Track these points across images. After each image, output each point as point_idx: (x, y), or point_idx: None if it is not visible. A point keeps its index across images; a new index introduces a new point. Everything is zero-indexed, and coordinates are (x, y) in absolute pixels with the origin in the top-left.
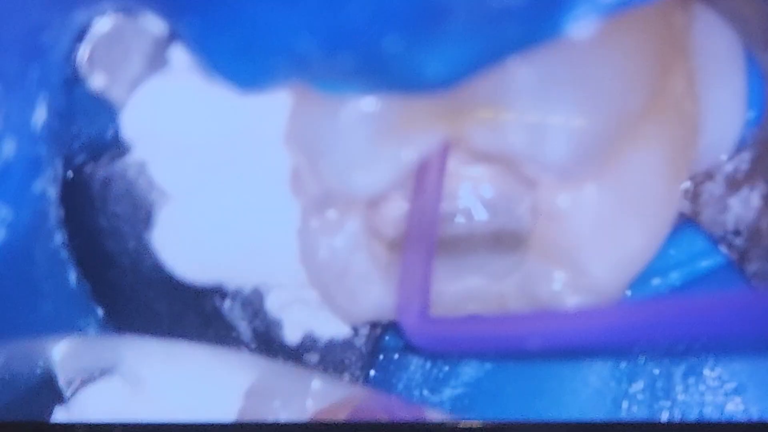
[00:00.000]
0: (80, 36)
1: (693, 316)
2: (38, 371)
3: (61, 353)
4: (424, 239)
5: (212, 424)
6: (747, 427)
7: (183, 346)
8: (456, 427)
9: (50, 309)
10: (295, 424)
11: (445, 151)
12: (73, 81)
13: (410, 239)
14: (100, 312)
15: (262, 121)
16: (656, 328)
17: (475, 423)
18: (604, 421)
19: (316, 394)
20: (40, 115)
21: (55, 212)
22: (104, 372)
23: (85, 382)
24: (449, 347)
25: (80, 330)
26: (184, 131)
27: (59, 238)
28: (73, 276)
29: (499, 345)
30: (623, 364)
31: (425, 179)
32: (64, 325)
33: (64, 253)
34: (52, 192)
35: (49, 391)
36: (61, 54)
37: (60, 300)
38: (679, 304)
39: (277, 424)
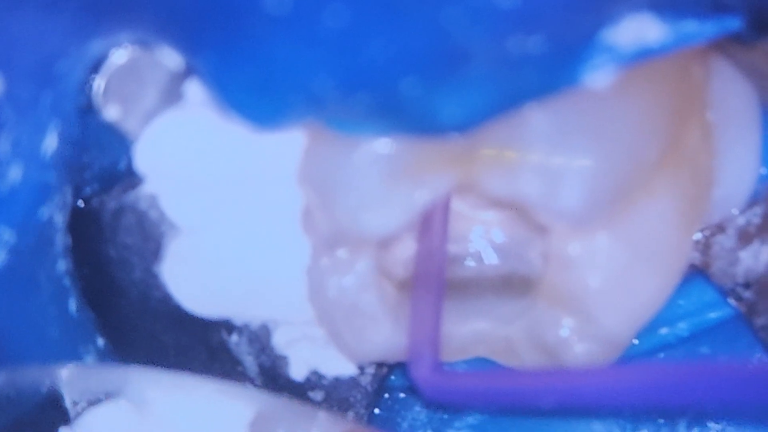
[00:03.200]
0: (96, 67)
1: (707, 382)
2: (44, 390)
3: (69, 374)
4: (433, 286)
5: None
6: None
7: (190, 377)
8: None
9: (56, 334)
10: None
11: (448, 196)
12: (86, 111)
13: (418, 286)
14: (100, 342)
15: (276, 158)
16: (670, 391)
17: None
18: None
19: (321, 425)
20: (50, 142)
21: (61, 239)
22: (110, 394)
23: (91, 403)
24: (460, 401)
25: (79, 358)
26: (197, 166)
27: (63, 265)
28: (74, 304)
29: (510, 400)
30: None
31: (430, 224)
32: (66, 351)
33: (68, 281)
34: (59, 219)
35: (54, 410)
36: (76, 83)
37: (63, 326)
38: (696, 369)
39: None
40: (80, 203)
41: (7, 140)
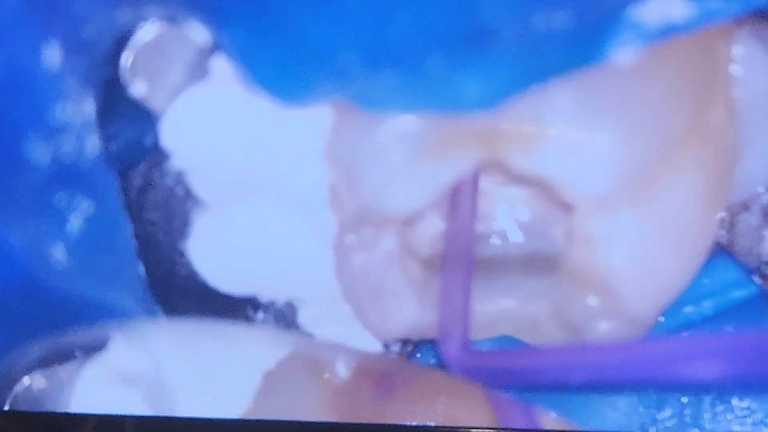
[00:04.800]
0: (122, 40)
1: (734, 353)
2: None
3: None
4: (462, 265)
5: (220, 420)
6: None
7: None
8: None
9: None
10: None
11: (477, 173)
12: (113, 84)
13: (447, 265)
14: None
15: (302, 135)
16: (698, 363)
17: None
18: None
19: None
20: (92, 111)
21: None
22: None
23: None
24: (488, 379)
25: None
26: (224, 142)
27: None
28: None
29: (538, 378)
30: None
31: (458, 202)
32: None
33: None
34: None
35: None
36: (103, 54)
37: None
38: (724, 340)
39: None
40: None
41: (78, 111)
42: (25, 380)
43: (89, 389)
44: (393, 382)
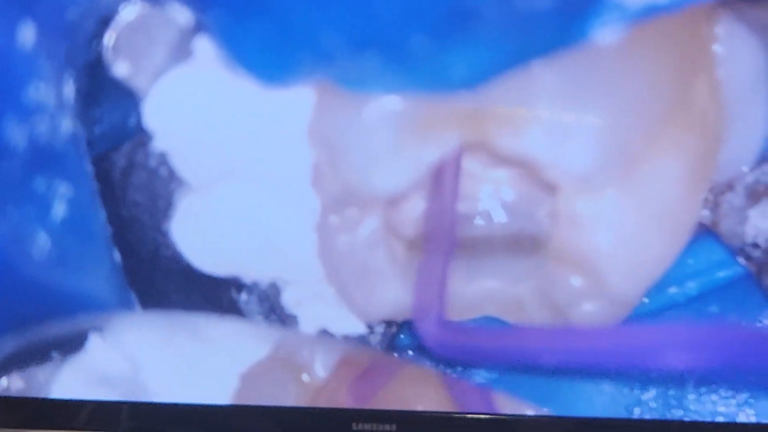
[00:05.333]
0: (105, 22)
1: (716, 341)
2: None
3: None
4: (443, 243)
5: (213, 407)
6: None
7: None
8: (464, 417)
9: (107, 284)
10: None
11: (459, 153)
12: (96, 66)
13: (428, 243)
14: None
15: (286, 115)
16: (679, 350)
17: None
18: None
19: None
20: (69, 94)
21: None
22: None
23: None
24: (465, 355)
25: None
26: (207, 123)
27: (103, 214)
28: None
29: (518, 358)
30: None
31: (441, 182)
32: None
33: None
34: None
35: None
36: (86, 36)
37: (112, 275)
38: (704, 329)
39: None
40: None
41: (51, 92)
42: (3, 382)
43: (67, 391)
44: (371, 387)
